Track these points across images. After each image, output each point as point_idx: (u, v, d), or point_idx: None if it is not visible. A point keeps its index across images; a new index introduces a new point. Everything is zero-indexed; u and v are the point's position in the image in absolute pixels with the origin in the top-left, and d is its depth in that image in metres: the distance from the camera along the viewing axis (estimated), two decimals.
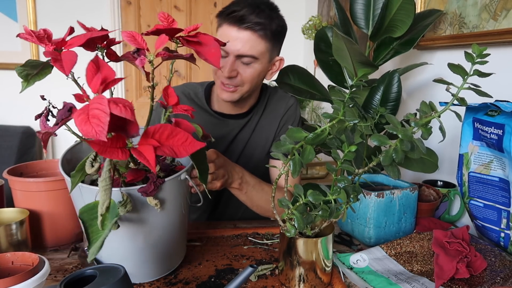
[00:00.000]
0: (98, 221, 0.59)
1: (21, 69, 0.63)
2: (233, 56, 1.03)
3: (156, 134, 0.57)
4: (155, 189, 0.67)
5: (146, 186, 0.66)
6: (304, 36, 1.81)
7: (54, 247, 0.93)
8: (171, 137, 0.57)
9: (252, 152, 1.22)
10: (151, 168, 0.54)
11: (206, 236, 1.02)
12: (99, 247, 0.58)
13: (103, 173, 0.60)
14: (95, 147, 0.53)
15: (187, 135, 0.57)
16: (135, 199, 0.68)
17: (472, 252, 0.84)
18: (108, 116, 0.49)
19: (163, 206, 0.71)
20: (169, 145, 0.57)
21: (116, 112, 0.50)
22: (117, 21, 2.83)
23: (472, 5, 1.17)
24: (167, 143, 0.57)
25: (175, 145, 0.57)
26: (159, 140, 0.56)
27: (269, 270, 0.85)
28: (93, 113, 0.50)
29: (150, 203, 0.68)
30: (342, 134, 0.69)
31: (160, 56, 0.64)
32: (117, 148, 0.55)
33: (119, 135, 0.55)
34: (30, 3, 2.71)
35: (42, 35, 0.63)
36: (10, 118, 2.80)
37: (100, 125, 0.49)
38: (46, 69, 0.65)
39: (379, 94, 1.23)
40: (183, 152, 0.57)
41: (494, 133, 0.91)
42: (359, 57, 1.17)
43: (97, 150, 0.53)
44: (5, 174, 0.92)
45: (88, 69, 0.57)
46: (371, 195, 0.97)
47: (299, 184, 0.83)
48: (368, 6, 1.35)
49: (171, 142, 0.57)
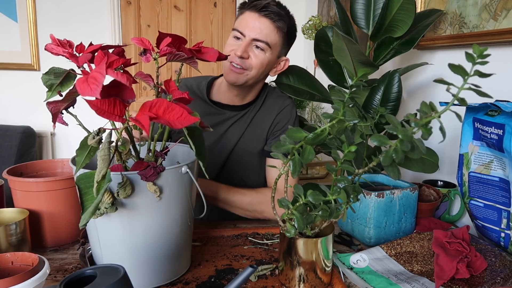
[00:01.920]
0: (94, 187, 0.63)
1: (46, 78, 0.67)
2: (249, 39, 1.09)
3: (153, 108, 0.61)
4: (154, 174, 0.69)
5: (146, 170, 0.69)
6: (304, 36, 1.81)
7: (54, 247, 0.93)
8: (167, 112, 0.61)
9: (245, 147, 1.24)
10: (145, 130, 0.58)
11: (206, 236, 1.01)
12: (92, 213, 0.62)
13: (103, 144, 0.64)
14: (93, 107, 0.58)
15: (182, 110, 0.62)
16: (136, 185, 0.70)
17: (472, 252, 0.83)
18: (103, 77, 0.55)
19: (162, 196, 0.72)
20: (166, 118, 0.61)
21: (112, 76, 0.56)
22: (117, 21, 2.83)
23: (472, 5, 1.17)
24: (164, 116, 0.61)
25: (171, 119, 0.61)
26: (156, 113, 0.61)
27: (269, 270, 0.84)
28: (91, 75, 0.56)
29: (149, 189, 0.70)
30: (342, 134, 0.69)
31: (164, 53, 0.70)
32: (115, 114, 0.61)
33: (115, 99, 0.60)
34: (30, 3, 2.71)
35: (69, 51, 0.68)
36: (10, 118, 2.80)
37: (95, 83, 0.55)
38: (69, 81, 0.69)
39: (380, 94, 1.23)
40: (178, 124, 0.61)
41: (494, 133, 0.91)
42: (359, 57, 1.17)
43: (94, 110, 0.58)
44: (5, 174, 0.92)
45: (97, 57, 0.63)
46: (371, 195, 0.97)
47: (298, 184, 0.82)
48: (368, 6, 1.35)
49: (167, 116, 0.61)
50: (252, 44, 1.10)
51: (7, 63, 2.76)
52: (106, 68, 0.56)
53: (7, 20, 2.72)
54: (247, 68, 1.12)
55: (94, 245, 0.78)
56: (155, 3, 2.91)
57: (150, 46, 0.71)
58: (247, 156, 1.25)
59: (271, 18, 1.08)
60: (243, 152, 1.24)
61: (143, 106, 0.61)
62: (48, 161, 1.05)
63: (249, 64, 1.11)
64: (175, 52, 0.70)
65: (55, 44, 0.68)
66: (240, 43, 1.10)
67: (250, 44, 1.10)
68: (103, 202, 0.67)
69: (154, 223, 0.74)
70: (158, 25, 2.94)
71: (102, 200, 0.67)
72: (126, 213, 0.71)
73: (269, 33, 1.09)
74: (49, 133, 2.85)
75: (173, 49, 0.70)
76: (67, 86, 0.69)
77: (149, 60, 0.71)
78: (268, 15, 1.08)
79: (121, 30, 2.87)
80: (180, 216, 0.78)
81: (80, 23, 2.78)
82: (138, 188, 0.70)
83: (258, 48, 1.10)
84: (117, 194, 0.68)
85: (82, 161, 0.68)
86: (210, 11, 2.97)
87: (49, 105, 0.68)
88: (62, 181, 0.89)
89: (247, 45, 1.09)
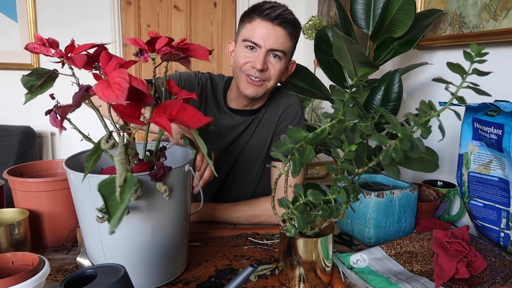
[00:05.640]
0: (117, 192, 0.61)
1: (26, 80, 0.66)
2: (265, 50, 1.06)
3: (168, 109, 0.63)
4: (164, 174, 0.70)
5: (156, 171, 0.69)
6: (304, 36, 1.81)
7: (54, 247, 0.93)
8: (181, 112, 0.63)
9: (252, 149, 1.24)
10: (168, 132, 0.59)
11: (206, 236, 1.02)
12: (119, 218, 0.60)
13: (118, 148, 0.64)
14: (117, 111, 0.59)
15: (195, 110, 0.63)
16: (145, 186, 0.70)
17: (472, 252, 0.83)
18: (128, 83, 0.56)
19: (171, 195, 0.73)
20: (180, 119, 0.63)
21: (134, 84, 0.57)
22: (117, 21, 2.83)
23: (472, 5, 1.17)
24: (178, 117, 0.63)
25: (185, 119, 0.63)
26: (171, 114, 0.63)
27: (269, 270, 0.85)
28: (114, 81, 0.56)
29: (159, 189, 0.70)
30: (342, 134, 0.69)
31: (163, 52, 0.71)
32: (135, 117, 0.62)
33: (136, 103, 0.62)
34: (30, 3, 2.71)
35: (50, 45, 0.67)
36: (10, 118, 2.80)
37: (120, 89, 0.55)
38: (49, 82, 0.68)
39: (380, 94, 1.24)
40: (192, 125, 0.63)
41: (494, 133, 0.91)
42: (359, 57, 1.17)
43: (118, 113, 0.59)
44: (5, 174, 0.92)
45: (101, 58, 0.65)
46: (371, 195, 0.97)
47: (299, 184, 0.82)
48: (368, 6, 1.35)
49: (181, 116, 0.63)
50: (268, 54, 1.08)
51: (7, 63, 2.76)
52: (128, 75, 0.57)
53: (7, 20, 2.72)
54: (266, 79, 1.10)
55: (93, 247, 0.77)
56: (155, 3, 2.91)
57: (146, 46, 0.71)
58: (252, 157, 1.24)
59: (285, 26, 1.06)
60: (249, 154, 1.24)
61: (157, 108, 0.63)
62: (48, 162, 1.05)
63: (268, 75, 1.10)
64: (173, 52, 0.71)
65: (40, 43, 0.67)
66: (256, 55, 1.07)
67: (267, 54, 1.07)
68: None
69: (159, 222, 0.74)
70: (158, 25, 2.94)
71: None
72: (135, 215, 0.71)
73: (284, 41, 1.07)
74: (49, 133, 2.85)
75: (172, 49, 0.70)
76: (47, 87, 0.68)
77: (147, 60, 0.72)
78: (282, 23, 1.05)
79: (121, 30, 2.87)
80: (182, 215, 0.79)
81: (80, 23, 2.78)
82: (147, 189, 0.70)
83: (276, 57, 1.08)
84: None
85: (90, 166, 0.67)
86: (210, 11, 2.97)
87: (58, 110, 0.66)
88: (62, 181, 0.89)
89: (264, 56, 1.06)
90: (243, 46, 1.09)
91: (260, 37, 1.05)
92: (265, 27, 1.05)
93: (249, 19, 1.09)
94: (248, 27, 1.08)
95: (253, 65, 1.07)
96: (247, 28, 1.08)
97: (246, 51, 1.08)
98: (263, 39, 1.05)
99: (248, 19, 1.09)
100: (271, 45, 1.06)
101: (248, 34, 1.07)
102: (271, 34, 1.05)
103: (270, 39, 1.05)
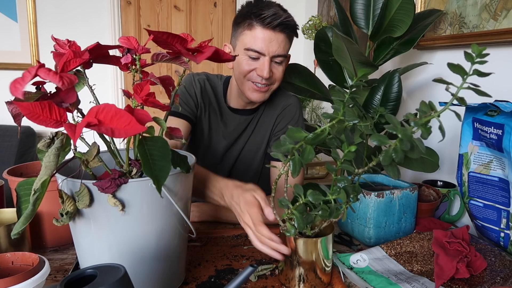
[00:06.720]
0: (31, 195, 0.58)
1: None
2: (269, 57, 1.07)
3: (100, 114, 0.56)
4: (113, 187, 0.62)
5: (103, 182, 0.62)
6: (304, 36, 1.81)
7: (54, 247, 0.93)
8: (115, 118, 0.56)
9: (251, 148, 1.25)
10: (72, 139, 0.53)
11: (206, 236, 1.01)
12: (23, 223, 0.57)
13: (50, 149, 0.60)
14: (23, 110, 0.53)
15: (131, 118, 0.55)
16: (97, 196, 0.64)
17: (472, 252, 0.83)
18: (31, 76, 0.51)
19: (129, 211, 0.65)
20: (111, 125, 0.55)
21: (42, 75, 0.52)
22: (117, 21, 2.83)
23: (472, 5, 1.17)
24: (110, 123, 0.55)
25: (117, 127, 0.55)
26: (103, 119, 0.55)
27: (269, 270, 0.85)
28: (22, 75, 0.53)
29: (108, 202, 0.63)
30: (342, 134, 0.69)
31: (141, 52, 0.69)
32: (52, 119, 0.56)
33: (50, 103, 0.55)
34: (30, 3, 2.70)
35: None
36: (10, 118, 2.77)
37: (20, 82, 0.51)
38: None
39: (380, 94, 1.23)
40: (122, 133, 0.55)
41: (494, 133, 0.91)
42: (359, 57, 1.17)
43: (25, 114, 0.53)
44: (5, 174, 0.92)
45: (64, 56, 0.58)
46: (371, 195, 0.97)
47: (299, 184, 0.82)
48: (368, 6, 1.35)
49: (115, 123, 0.55)
50: (272, 60, 1.09)
51: (7, 63, 2.76)
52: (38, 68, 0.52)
53: (7, 20, 2.72)
54: (271, 84, 1.12)
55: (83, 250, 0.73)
56: (155, 3, 2.91)
57: (137, 45, 0.69)
58: (250, 156, 1.25)
59: (285, 31, 1.07)
60: (248, 152, 1.24)
61: (90, 111, 0.56)
62: None
63: (274, 80, 1.12)
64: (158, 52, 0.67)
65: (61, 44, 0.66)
66: (261, 63, 1.08)
67: (271, 60, 1.09)
68: (63, 209, 0.63)
69: (120, 238, 0.66)
70: (158, 25, 2.93)
71: (63, 207, 0.63)
72: (93, 225, 0.66)
73: (285, 45, 1.09)
74: (49, 133, 2.85)
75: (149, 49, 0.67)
76: None
77: (128, 60, 0.68)
78: (283, 30, 1.06)
79: (121, 30, 2.87)
80: (160, 232, 0.69)
81: (80, 23, 2.78)
82: (99, 200, 0.64)
83: (279, 61, 1.10)
84: (78, 203, 0.64)
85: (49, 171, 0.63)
86: (210, 11, 2.97)
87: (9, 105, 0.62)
88: None
89: (270, 63, 1.08)
90: (245, 55, 1.09)
91: (263, 46, 1.06)
92: (267, 35, 1.05)
93: (248, 25, 1.07)
94: (248, 34, 1.07)
95: (260, 74, 1.08)
96: (248, 36, 1.07)
97: (250, 60, 1.09)
98: (266, 47, 1.06)
99: (247, 25, 1.07)
100: (274, 52, 1.07)
101: (250, 43, 1.07)
102: (273, 41, 1.06)
103: (273, 46, 1.06)
